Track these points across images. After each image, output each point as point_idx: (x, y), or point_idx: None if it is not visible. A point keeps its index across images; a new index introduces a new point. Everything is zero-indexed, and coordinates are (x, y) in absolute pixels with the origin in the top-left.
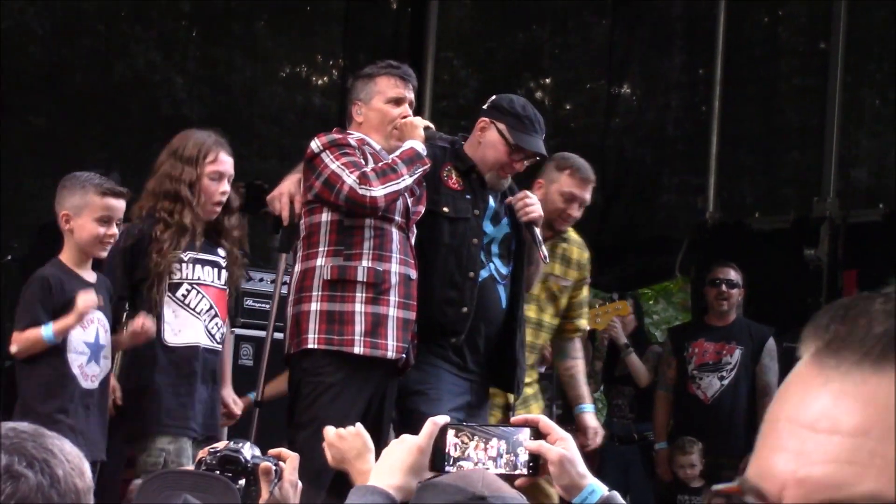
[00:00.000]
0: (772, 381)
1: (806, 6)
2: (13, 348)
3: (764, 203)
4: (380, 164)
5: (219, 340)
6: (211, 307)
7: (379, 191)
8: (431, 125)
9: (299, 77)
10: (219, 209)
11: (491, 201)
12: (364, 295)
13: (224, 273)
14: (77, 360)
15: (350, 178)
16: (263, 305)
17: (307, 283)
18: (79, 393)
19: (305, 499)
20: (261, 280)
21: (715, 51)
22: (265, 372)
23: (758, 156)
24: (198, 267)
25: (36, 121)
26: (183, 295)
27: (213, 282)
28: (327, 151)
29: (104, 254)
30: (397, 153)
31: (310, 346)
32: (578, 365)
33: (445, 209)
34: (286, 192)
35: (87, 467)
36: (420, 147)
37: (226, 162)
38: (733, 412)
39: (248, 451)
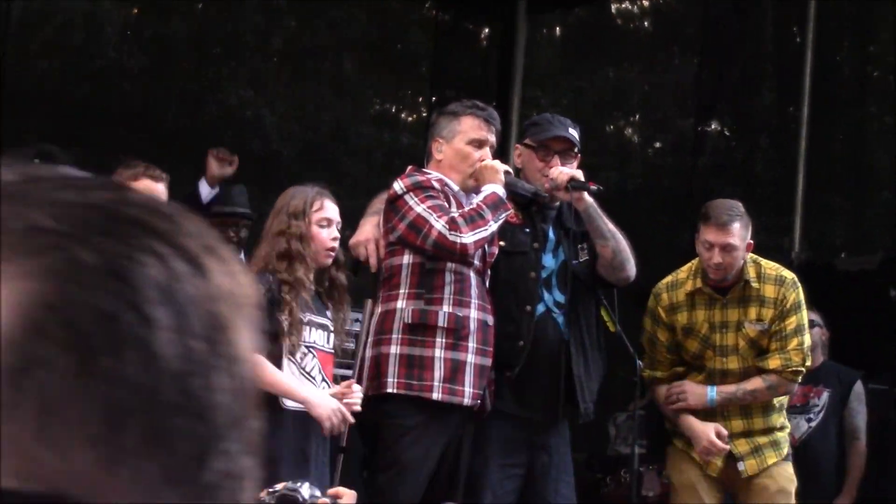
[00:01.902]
0: (860, 425)
1: (895, 44)
2: None
3: (851, 243)
4: (467, 210)
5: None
6: (320, 372)
7: (469, 237)
8: (510, 170)
9: (388, 115)
10: (332, 255)
11: (551, 234)
12: (444, 340)
13: (332, 337)
14: None
15: (438, 224)
16: (348, 344)
17: (387, 326)
18: None
19: None
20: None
21: (803, 90)
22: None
23: (845, 196)
24: (313, 330)
25: (127, 159)
26: (300, 358)
27: (323, 346)
28: (411, 193)
29: None
30: (481, 198)
31: (389, 389)
32: (755, 379)
33: (502, 243)
34: (372, 237)
35: None
36: (501, 192)
37: (331, 208)
38: (822, 455)
39: (307, 490)
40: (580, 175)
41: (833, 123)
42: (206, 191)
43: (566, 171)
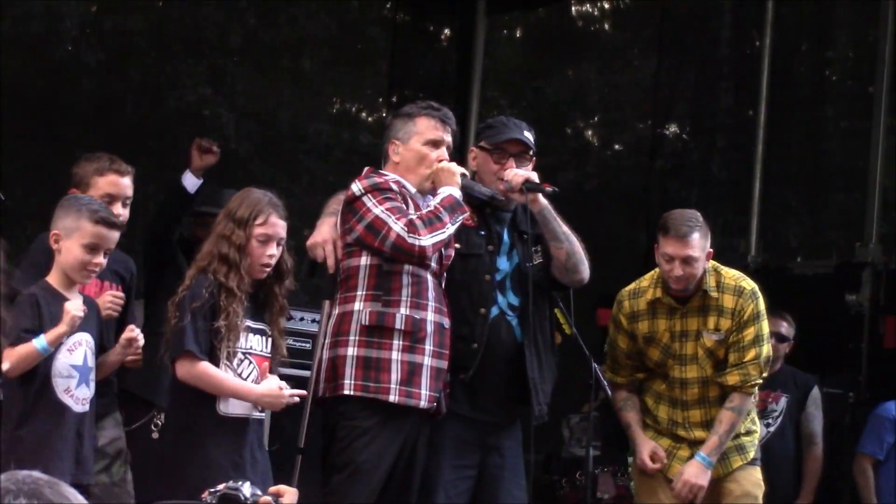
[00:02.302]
0: (816, 430)
1: (852, 49)
2: (5, 366)
3: (807, 247)
4: (425, 212)
5: (261, 410)
6: (258, 377)
7: (427, 240)
8: (467, 172)
9: (347, 114)
10: (266, 271)
11: (506, 236)
12: (401, 343)
13: (269, 341)
14: (63, 385)
15: (397, 226)
16: (304, 344)
17: (344, 328)
18: (71, 418)
19: None
20: (301, 319)
21: (760, 92)
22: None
23: (802, 198)
24: (250, 336)
25: (84, 153)
26: (237, 364)
27: (261, 351)
28: (369, 195)
29: (87, 281)
30: (438, 200)
31: (346, 391)
32: (722, 414)
33: (457, 245)
34: (329, 238)
35: None
36: (458, 194)
37: (276, 224)
38: (781, 459)
39: (248, 489)
40: (535, 177)
41: (790, 126)
42: (191, 182)
43: (521, 172)
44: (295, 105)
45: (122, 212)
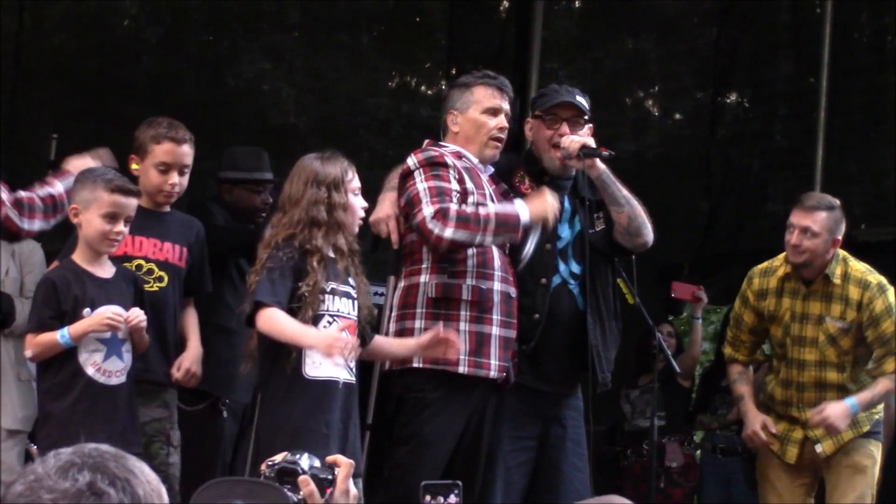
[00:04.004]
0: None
1: None
2: (28, 352)
3: (870, 214)
4: (473, 211)
5: (355, 373)
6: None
7: (448, 232)
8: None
9: (405, 87)
10: (361, 223)
11: (567, 203)
12: (468, 314)
13: (356, 304)
14: (91, 359)
15: (427, 209)
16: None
17: (410, 301)
18: (99, 391)
19: None
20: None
21: (821, 59)
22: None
23: (864, 165)
24: (336, 298)
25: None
26: (324, 327)
27: (348, 313)
28: (421, 170)
29: (111, 251)
30: (501, 208)
31: (415, 364)
32: (880, 380)
33: None
34: (392, 213)
35: (163, 489)
36: (525, 220)
37: (357, 178)
38: None
39: (306, 461)
40: (591, 142)
41: (851, 93)
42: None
43: (577, 138)
44: (353, 79)
45: (177, 180)
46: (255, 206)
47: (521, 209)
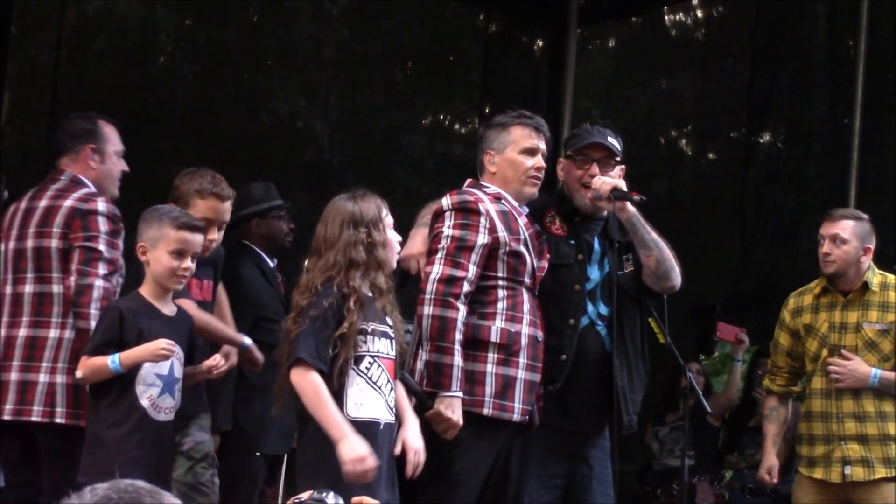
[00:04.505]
0: None
1: None
2: (79, 373)
3: None
4: (454, 326)
5: (394, 413)
6: (388, 381)
7: (427, 310)
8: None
9: (439, 125)
10: (397, 258)
11: (596, 245)
12: (496, 356)
13: (394, 343)
14: (147, 392)
15: (438, 266)
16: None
17: None
18: (150, 425)
19: None
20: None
21: (855, 99)
22: None
23: None
24: (376, 339)
25: (177, 168)
26: (366, 368)
27: (387, 353)
28: (453, 213)
29: (179, 287)
30: (457, 369)
31: None
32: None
33: (548, 256)
34: (423, 250)
35: None
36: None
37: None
38: None
39: (332, 499)
40: (623, 185)
41: (885, 132)
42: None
43: (609, 180)
44: (388, 116)
45: (216, 236)
46: (285, 231)
47: (455, 390)
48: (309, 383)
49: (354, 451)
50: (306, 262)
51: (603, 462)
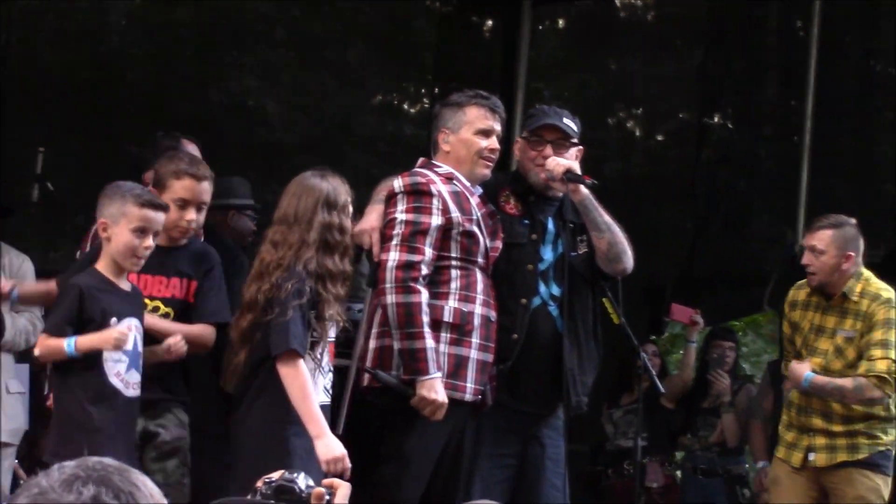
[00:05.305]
0: None
1: None
2: (37, 351)
3: None
4: (420, 308)
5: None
6: (328, 363)
7: (390, 298)
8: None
9: (391, 105)
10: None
11: (551, 225)
12: (448, 335)
13: (338, 326)
14: (114, 369)
15: (394, 253)
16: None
17: None
18: (122, 402)
19: None
20: (348, 309)
21: (807, 82)
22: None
23: (850, 188)
24: (333, 325)
25: (129, 148)
26: (319, 353)
27: (333, 337)
28: (405, 197)
29: (137, 267)
30: (432, 353)
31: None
32: (845, 377)
33: (501, 235)
34: (377, 226)
35: (165, 503)
36: (433, 378)
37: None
38: None
39: (303, 480)
40: (576, 167)
41: (837, 115)
42: None
43: (563, 162)
44: (340, 97)
45: (194, 216)
46: (251, 230)
47: (433, 373)
48: (299, 375)
49: (332, 451)
50: (271, 233)
51: (556, 441)
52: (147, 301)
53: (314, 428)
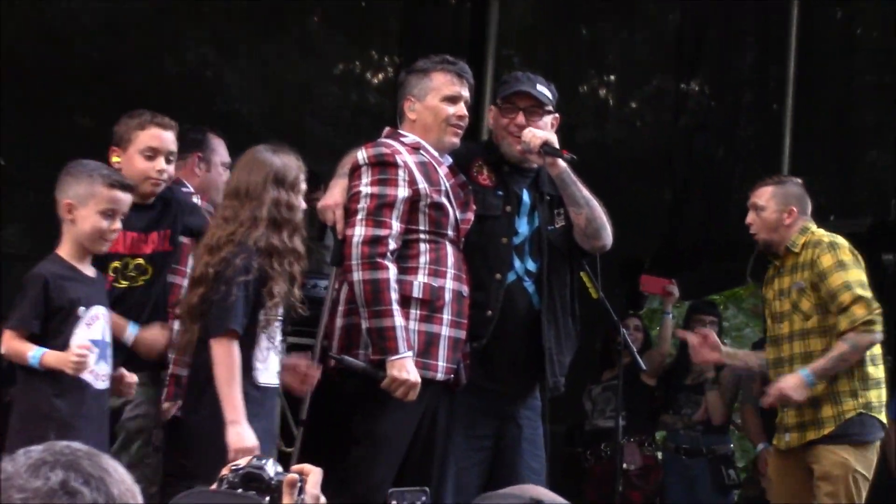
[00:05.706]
0: None
1: (881, 1)
2: (2, 348)
3: (838, 205)
4: (387, 285)
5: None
6: (282, 340)
7: (357, 276)
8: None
9: (354, 75)
10: None
11: (526, 197)
12: (418, 312)
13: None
14: None
15: (360, 227)
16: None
17: None
18: (92, 395)
19: None
20: (314, 286)
21: (788, 47)
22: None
23: (832, 155)
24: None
25: (83, 121)
26: (273, 332)
27: (285, 316)
28: (369, 169)
29: (104, 250)
30: (401, 331)
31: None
32: (836, 343)
33: (473, 207)
34: (341, 201)
35: (137, 490)
36: (404, 357)
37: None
38: None
39: (272, 467)
40: (554, 139)
41: (818, 81)
42: None
43: (540, 133)
44: (300, 66)
45: (165, 166)
46: None
47: (403, 351)
48: (230, 356)
49: (243, 441)
50: (222, 208)
51: (533, 423)
52: (129, 259)
53: (231, 413)
